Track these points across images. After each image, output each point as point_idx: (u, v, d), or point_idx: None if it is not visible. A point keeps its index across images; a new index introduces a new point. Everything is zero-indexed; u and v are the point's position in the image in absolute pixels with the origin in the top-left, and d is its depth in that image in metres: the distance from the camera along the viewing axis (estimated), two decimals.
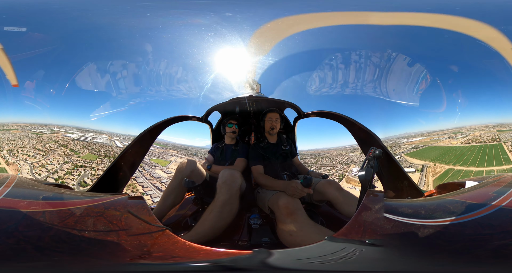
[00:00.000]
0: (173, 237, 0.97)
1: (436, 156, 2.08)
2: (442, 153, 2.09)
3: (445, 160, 2.08)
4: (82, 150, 2.08)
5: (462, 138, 2.05)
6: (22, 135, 2.05)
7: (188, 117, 2.11)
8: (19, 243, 0.89)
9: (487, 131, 2.07)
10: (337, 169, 2.23)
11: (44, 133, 2.04)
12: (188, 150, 2.24)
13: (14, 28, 1.81)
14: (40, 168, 2.04)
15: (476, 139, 2.06)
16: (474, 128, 2.04)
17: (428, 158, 2.06)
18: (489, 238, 0.92)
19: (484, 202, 1.02)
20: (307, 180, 1.57)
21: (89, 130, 2.01)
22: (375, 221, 0.97)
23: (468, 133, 2.04)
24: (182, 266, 0.91)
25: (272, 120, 2.06)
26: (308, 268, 0.91)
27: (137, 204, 1.06)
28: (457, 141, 2.06)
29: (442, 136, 2.05)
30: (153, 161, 2.19)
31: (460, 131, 2.03)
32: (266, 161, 1.98)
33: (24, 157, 2.05)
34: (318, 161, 2.25)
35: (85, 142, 2.06)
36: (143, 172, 2.16)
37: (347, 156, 2.18)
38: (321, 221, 1.76)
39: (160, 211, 1.83)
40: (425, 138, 2.06)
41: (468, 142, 2.06)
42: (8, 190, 1.08)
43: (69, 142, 2.07)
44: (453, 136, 2.04)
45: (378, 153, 1.29)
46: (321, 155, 2.22)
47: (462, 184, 1.39)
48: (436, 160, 2.07)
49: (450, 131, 2.03)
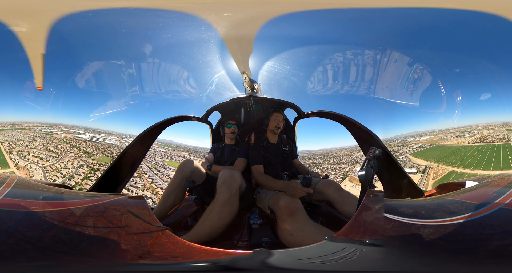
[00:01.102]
0: (173, 237, 0.97)
1: (441, 157, 2.04)
2: (447, 154, 2.04)
3: (449, 161, 2.03)
4: (96, 152, 2.03)
5: (470, 137, 2.00)
6: (32, 135, 1.97)
7: (188, 117, 2.12)
8: (19, 243, 0.89)
9: (496, 130, 2.01)
10: (342, 169, 2.24)
11: (54, 133, 1.99)
12: (199, 152, 2.24)
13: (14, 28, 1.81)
14: (55, 173, 1.97)
15: (484, 138, 2.01)
16: (484, 126, 2.00)
17: (433, 159, 2.02)
18: (489, 238, 0.92)
19: (484, 202, 1.02)
20: (307, 180, 1.58)
21: (99, 131, 1.98)
22: (375, 221, 0.97)
23: (477, 132, 1.99)
24: (182, 266, 0.91)
25: (279, 120, 2.06)
26: (308, 268, 0.91)
27: (137, 204, 1.06)
28: (465, 140, 2.01)
29: (451, 135, 2.01)
30: (166, 163, 2.18)
31: (469, 130, 1.99)
32: (266, 161, 1.98)
33: (35, 159, 1.94)
34: (326, 160, 2.25)
35: (97, 143, 2.02)
36: (159, 174, 2.15)
37: (354, 155, 2.18)
38: (321, 221, 1.76)
39: (160, 211, 1.83)
40: (433, 136, 2.03)
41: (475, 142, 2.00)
42: (8, 190, 1.08)
43: (81, 143, 2.01)
44: (461, 135, 2.00)
45: (378, 153, 1.29)
46: (329, 155, 2.22)
47: (462, 184, 1.39)
48: (440, 161, 2.03)
49: (459, 130, 1.99)
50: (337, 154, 2.19)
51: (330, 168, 2.22)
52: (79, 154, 2.00)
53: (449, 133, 2.02)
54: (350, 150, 2.16)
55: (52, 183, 1.62)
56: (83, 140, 2.01)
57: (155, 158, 2.18)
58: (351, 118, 1.98)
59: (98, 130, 1.98)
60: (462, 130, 1.99)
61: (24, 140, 1.97)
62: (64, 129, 1.98)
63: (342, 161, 2.19)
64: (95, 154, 2.03)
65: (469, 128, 1.99)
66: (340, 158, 2.19)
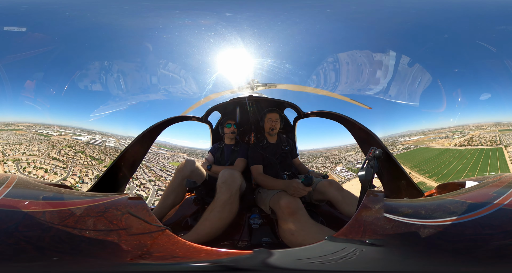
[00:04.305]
0: (173, 237, 0.97)
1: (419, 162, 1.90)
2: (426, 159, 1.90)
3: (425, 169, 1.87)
4: (103, 157, 1.87)
5: (459, 138, 1.89)
6: (28, 137, 1.76)
7: (188, 117, 2.11)
8: (19, 243, 0.89)
9: (488, 131, 1.89)
10: (326, 168, 2.22)
11: (52, 135, 1.81)
12: (195, 153, 2.23)
13: (14, 28, 1.81)
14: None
15: (474, 140, 1.88)
16: (476, 126, 1.89)
17: (410, 163, 1.91)
18: (489, 238, 0.92)
19: (484, 202, 1.02)
20: (308, 179, 1.58)
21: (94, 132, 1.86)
22: (375, 221, 0.97)
23: (468, 132, 1.90)
24: (182, 266, 0.91)
25: (272, 120, 2.05)
26: (308, 268, 0.91)
27: (137, 204, 1.06)
28: (452, 142, 1.90)
29: (441, 135, 1.92)
30: (172, 165, 2.15)
31: (461, 130, 1.89)
32: (266, 161, 1.98)
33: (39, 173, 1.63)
34: (314, 160, 2.24)
35: (99, 146, 1.87)
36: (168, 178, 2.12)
37: (342, 155, 2.17)
38: (321, 221, 1.76)
39: (160, 211, 1.83)
40: (423, 137, 1.95)
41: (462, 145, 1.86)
42: (8, 190, 1.08)
43: (83, 147, 1.83)
44: (451, 136, 1.90)
45: (378, 153, 1.29)
46: (320, 155, 2.21)
47: (462, 184, 1.39)
48: (416, 167, 1.89)
49: (450, 130, 1.90)
50: (327, 153, 2.18)
51: (315, 166, 2.21)
52: (88, 161, 1.81)
53: (440, 133, 1.94)
54: (341, 150, 2.15)
55: (52, 183, 1.62)
56: (84, 142, 1.85)
57: (160, 160, 2.15)
58: (351, 118, 1.98)
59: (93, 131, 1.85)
60: (454, 130, 1.90)
61: (20, 144, 1.75)
62: (60, 130, 1.82)
63: (329, 160, 2.18)
64: (104, 160, 1.89)
65: (461, 128, 1.90)
66: (328, 158, 2.18)
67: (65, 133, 1.85)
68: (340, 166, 2.17)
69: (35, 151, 1.74)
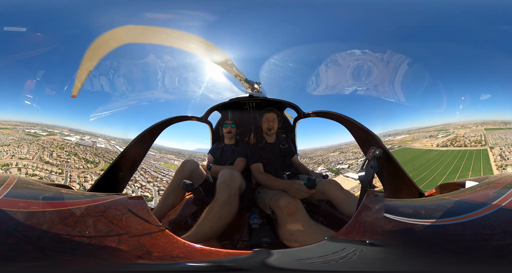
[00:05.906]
0: (173, 237, 0.97)
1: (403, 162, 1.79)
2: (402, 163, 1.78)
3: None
4: (97, 160, 1.80)
5: (443, 137, 1.80)
6: (16, 137, 1.66)
7: (188, 117, 2.11)
8: (19, 243, 0.89)
9: (474, 129, 1.79)
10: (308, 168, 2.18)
11: (40, 135, 1.73)
12: (182, 154, 2.19)
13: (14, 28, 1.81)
14: None
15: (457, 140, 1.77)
16: (462, 125, 1.79)
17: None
18: (489, 238, 0.92)
19: (484, 202, 1.02)
20: (311, 182, 1.57)
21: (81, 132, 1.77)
22: (375, 221, 0.97)
23: (452, 131, 1.82)
24: (182, 266, 0.91)
25: (269, 120, 2.05)
26: (308, 268, 0.91)
27: (137, 204, 1.06)
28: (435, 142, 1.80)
29: (425, 134, 1.83)
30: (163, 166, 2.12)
31: (446, 128, 1.81)
32: (265, 161, 1.98)
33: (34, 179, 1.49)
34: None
35: (90, 147, 1.81)
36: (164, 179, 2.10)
37: (326, 156, 2.15)
38: (321, 221, 1.76)
39: (160, 211, 1.83)
40: (409, 136, 1.86)
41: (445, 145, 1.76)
42: (8, 190, 1.08)
43: (74, 148, 1.75)
44: (435, 135, 1.81)
45: (378, 153, 1.29)
46: (305, 155, 2.19)
47: (462, 184, 1.39)
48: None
49: (436, 128, 1.82)
50: (313, 154, 2.16)
51: None
52: (83, 165, 1.73)
53: (425, 132, 1.86)
54: (326, 150, 2.13)
55: (52, 183, 1.62)
56: (74, 143, 1.75)
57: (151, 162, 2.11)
58: (351, 118, 1.98)
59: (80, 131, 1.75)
60: (439, 129, 1.82)
61: (8, 145, 1.64)
62: (48, 130, 1.72)
63: (312, 161, 2.16)
64: (98, 163, 1.82)
65: (446, 127, 1.81)
66: (312, 158, 2.16)
67: (52, 133, 1.76)
68: (322, 167, 2.16)
69: (25, 154, 1.64)
